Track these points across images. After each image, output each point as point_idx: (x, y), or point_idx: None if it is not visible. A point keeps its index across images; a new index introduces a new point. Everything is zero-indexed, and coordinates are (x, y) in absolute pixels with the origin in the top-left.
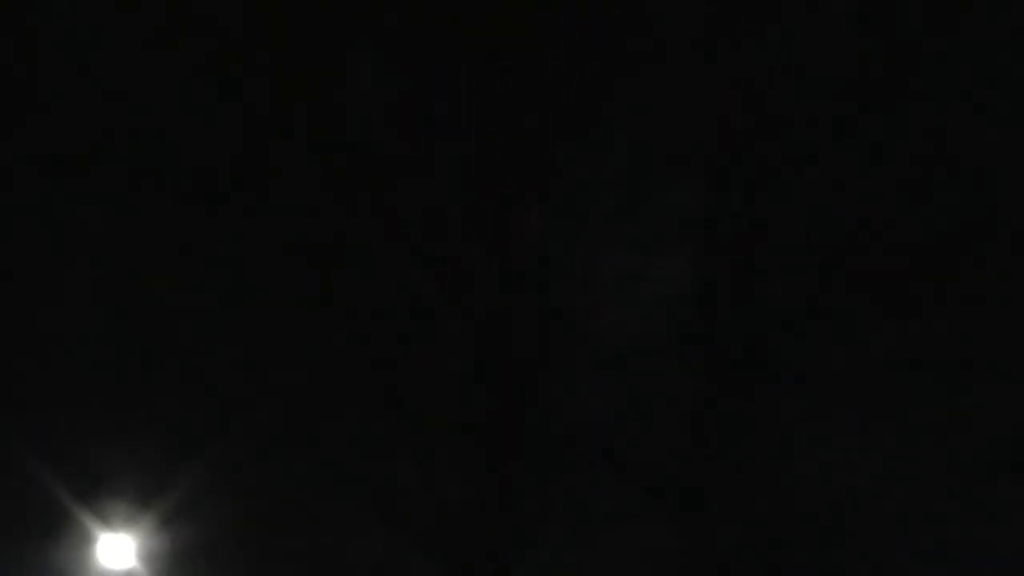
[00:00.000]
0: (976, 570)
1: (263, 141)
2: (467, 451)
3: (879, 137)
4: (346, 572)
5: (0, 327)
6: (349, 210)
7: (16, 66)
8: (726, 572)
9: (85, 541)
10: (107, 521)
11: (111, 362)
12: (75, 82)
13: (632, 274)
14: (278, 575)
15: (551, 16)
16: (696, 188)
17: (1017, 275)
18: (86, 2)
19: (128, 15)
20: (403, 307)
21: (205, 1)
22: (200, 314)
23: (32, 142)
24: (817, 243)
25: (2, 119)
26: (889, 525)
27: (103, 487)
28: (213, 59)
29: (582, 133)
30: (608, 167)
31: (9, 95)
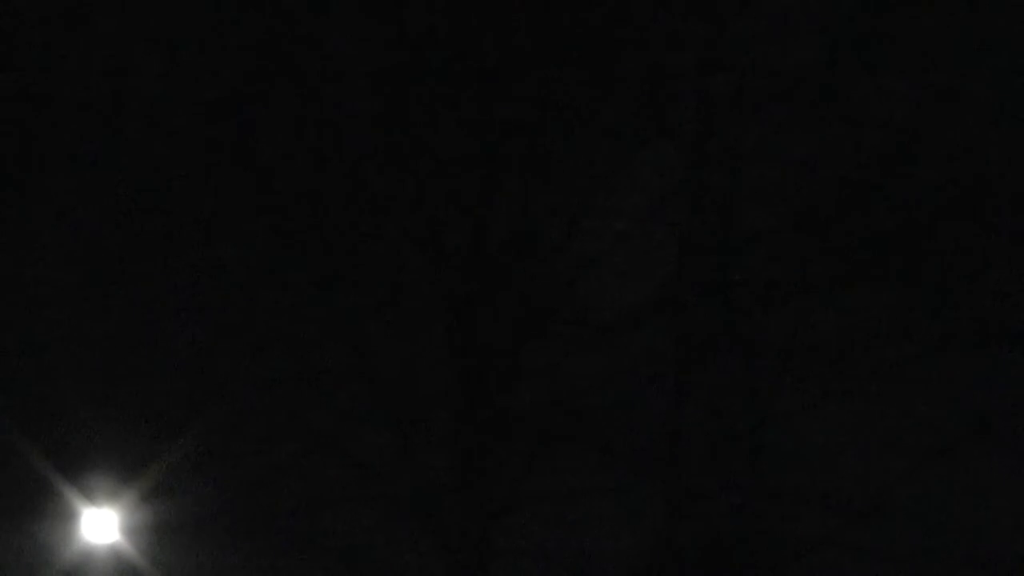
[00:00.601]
0: (950, 529)
1: (259, 137)
2: (449, 425)
3: (858, 116)
4: (328, 544)
5: None
6: (334, 189)
7: (16, 66)
8: (705, 541)
9: (69, 516)
10: (90, 496)
11: (96, 342)
12: (73, 81)
13: (613, 248)
14: (260, 549)
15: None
16: (679, 162)
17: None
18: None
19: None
20: (385, 283)
21: (197, 5)
22: (183, 294)
23: (32, 142)
24: (795, 219)
25: (2, 119)
26: (866, 490)
27: (87, 463)
28: (210, 59)
29: (566, 109)
30: (592, 140)
31: (9, 95)
